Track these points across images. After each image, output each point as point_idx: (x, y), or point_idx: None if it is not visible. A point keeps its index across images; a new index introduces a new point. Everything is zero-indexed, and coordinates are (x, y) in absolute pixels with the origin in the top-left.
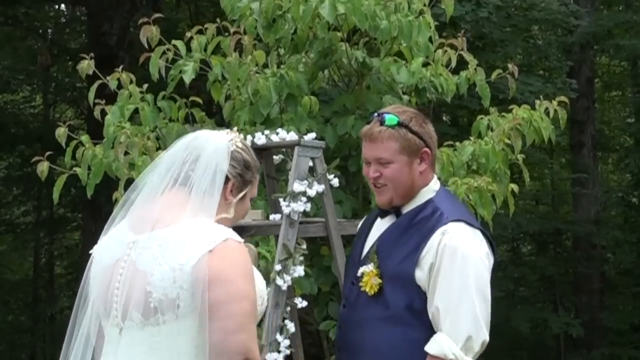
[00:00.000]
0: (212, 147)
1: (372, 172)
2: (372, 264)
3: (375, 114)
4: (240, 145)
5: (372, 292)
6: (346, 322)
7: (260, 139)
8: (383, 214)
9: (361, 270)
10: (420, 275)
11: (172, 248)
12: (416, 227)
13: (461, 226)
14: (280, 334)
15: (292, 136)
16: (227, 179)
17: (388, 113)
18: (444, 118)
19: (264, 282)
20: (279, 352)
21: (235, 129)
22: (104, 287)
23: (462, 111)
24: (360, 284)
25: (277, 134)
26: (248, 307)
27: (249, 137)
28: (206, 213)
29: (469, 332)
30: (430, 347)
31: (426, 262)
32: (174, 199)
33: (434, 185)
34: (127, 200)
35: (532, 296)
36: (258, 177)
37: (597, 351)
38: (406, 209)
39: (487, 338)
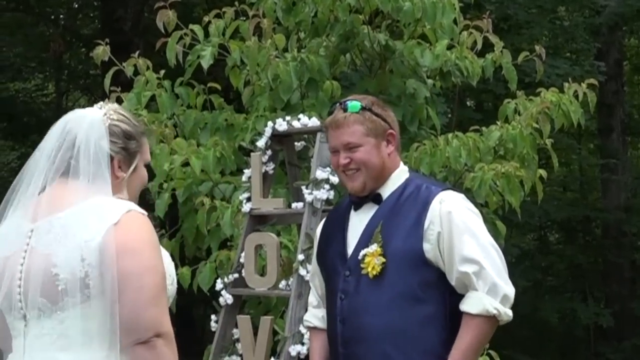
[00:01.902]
0: (86, 126)
1: (342, 159)
2: (375, 244)
3: (337, 104)
4: (115, 116)
5: (375, 273)
6: (350, 313)
7: (281, 125)
8: (357, 205)
9: (363, 252)
10: (428, 247)
11: (75, 226)
12: (408, 205)
13: (453, 193)
14: (304, 325)
15: (314, 122)
16: (111, 159)
17: (349, 100)
18: (468, 103)
19: (172, 262)
20: (302, 344)
21: (107, 100)
22: (4, 281)
23: (487, 95)
24: (362, 265)
25: (299, 119)
26: (159, 279)
27: (270, 123)
28: (102, 194)
29: (502, 286)
30: (470, 307)
31: (432, 233)
32: (66, 187)
33: (404, 167)
34: (14, 191)
35: (560, 286)
36: (146, 140)
37: (629, 342)
38: (387, 193)
39: (514, 289)
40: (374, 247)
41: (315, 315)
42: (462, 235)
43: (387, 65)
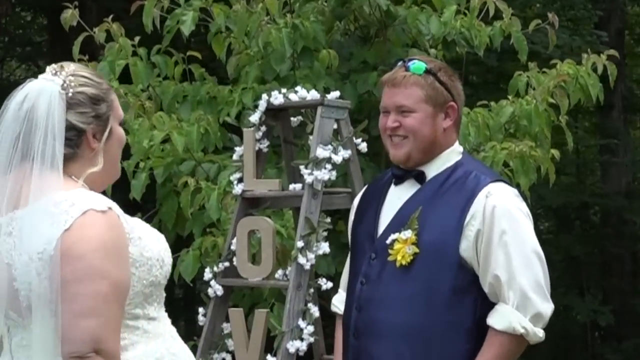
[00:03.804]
0: (46, 102)
1: (390, 121)
2: (409, 230)
3: (400, 60)
4: (76, 82)
5: (404, 263)
6: (367, 301)
7: (277, 98)
8: (398, 180)
9: (393, 237)
10: (465, 246)
11: (28, 234)
12: (452, 192)
13: (503, 186)
14: (303, 319)
15: (313, 95)
16: (82, 131)
17: (415, 60)
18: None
19: (160, 240)
20: (301, 339)
21: (61, 64)
22: None
23: (477, 68)
24: (390, 251)
25: (296, 92)
26: (103, 288)
27: (264, 96)
28: (56, 184)
29: (536, 303)
30: (496, 322)
31: (471, 229)
32: (27, 174)
33: (459, 147)
34: None
35: (554, 279)
36: (114, 96)
37: (630, 342)
38: (432, 173)
39: (552, 305)
40: (407, 234)
41: (343, 301)
42: (502, 236)
43: (387, 33)
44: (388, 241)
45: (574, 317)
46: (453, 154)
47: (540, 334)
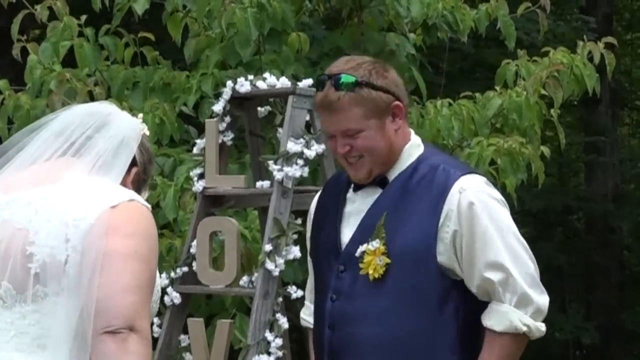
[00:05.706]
0: (124, 121)
1: (340, 147)
2: (377, 240)
3: (325, 76)
4: (147, 134)
5: (377, 276)
6: (341, 318)
7: (243, 85)
8: (357, 187)
9: (361, 249)
10: (442, 249)
11: (64, 202)
12: (420, 192)
13: (475, 178)
14: (271, 331)
15: (283, 82)
16: (134, 163)
17: (341, 73)
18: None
19: (159, 279)
20: (269, 353)
21: (140, 115)
22: None
23: (452, 55)
24: (361, 265)
25: (264, 79)
26: (147, 273)
27: (229, 83)
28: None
29: (534, 297)
30: (494, 323)
31: (447, 231)
32: (65, 163)
33: (416, 139)
34: None
35: None
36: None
37: None
38: (393, 174)
39: (547, 296)
40: (375, 244)
41: (312, 314)
42: (485, 233)
43: (362, 15)
44: (357, 253)
45: (556, 334)
46: (413, 148)
47: (543, 327)
